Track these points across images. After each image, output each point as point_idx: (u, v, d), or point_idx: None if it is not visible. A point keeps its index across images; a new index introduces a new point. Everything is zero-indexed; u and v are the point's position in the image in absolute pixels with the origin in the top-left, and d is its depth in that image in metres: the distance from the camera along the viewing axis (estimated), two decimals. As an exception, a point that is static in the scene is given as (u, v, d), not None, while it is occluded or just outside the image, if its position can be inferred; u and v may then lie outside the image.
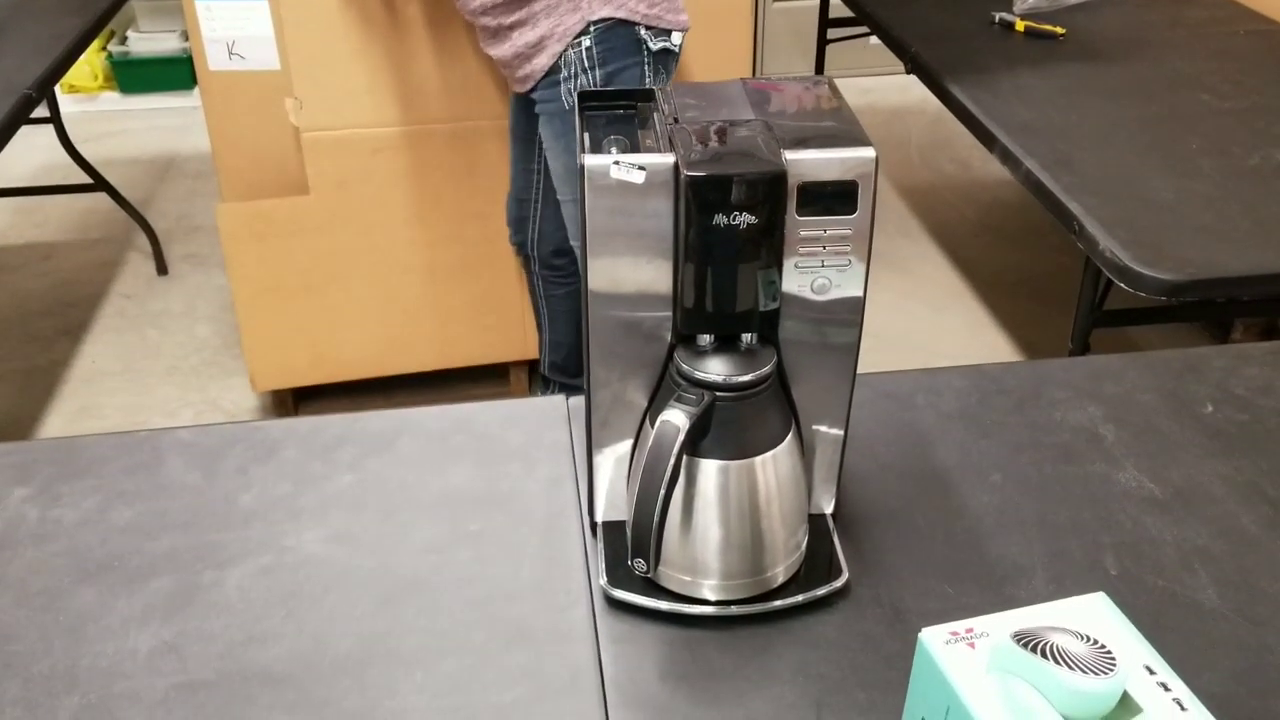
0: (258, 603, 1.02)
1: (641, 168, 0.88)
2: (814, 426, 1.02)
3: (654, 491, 0.88)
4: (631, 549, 0.90)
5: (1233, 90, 2.19)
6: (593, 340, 0.96)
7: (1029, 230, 3.38)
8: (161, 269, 3.23)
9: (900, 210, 3.62)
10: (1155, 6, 2.68)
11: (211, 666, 0.96)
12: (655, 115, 0.98)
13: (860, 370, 1.02)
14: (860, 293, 0.94)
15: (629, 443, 1.02)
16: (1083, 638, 0.79)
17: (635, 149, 0.97)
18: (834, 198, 0.90)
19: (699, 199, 0.87)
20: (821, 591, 1.00)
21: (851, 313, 0.95)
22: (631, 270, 0.92)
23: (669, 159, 0.88)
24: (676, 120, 0.94)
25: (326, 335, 2.52)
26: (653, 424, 0.95)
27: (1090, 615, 0.82)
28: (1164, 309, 1.69)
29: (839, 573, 1.02)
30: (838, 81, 1.04)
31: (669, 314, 0.94)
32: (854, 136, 0.91)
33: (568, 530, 1.09)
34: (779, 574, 1.00)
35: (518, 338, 2.55)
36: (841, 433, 1.03)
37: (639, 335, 0.96)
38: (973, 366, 1.33)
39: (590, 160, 0.88)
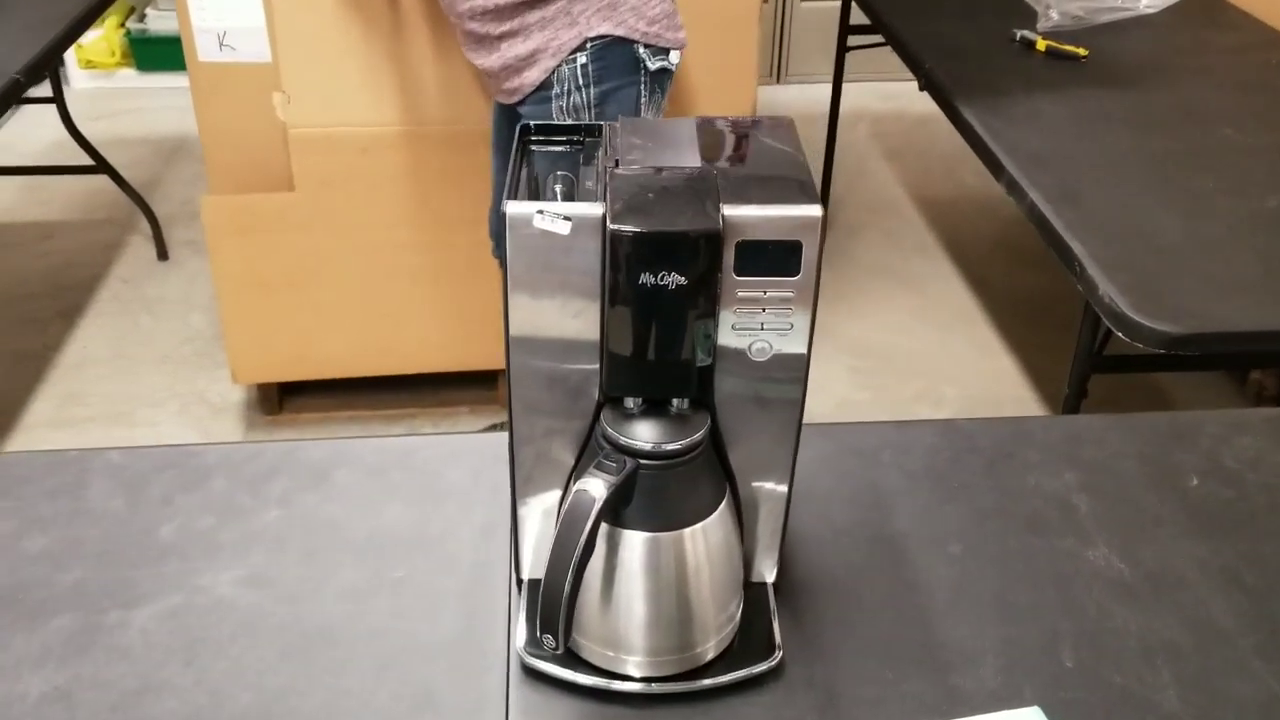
0: (159, 648, 0.97)
1: (567, 218, 0.82)
2: (755, 490, 0.96)
3: (564, 565, 0.82)
4: (540, 624, 0.84)
5: (1257, 125, 2.09)
6: (514, 392, 0.90)
7: (1047, 252, 3.29)
8: (162, 254, 3.20)
9: (917, 224, 3.54)
10: (1186, 28, 2.58)
11: (101, 718, 0.91)
12: (599, 154, 0.92)
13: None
14: (804, 350, 0.87)
15: (557, 494, 0.96)
16: (1009, 760, 0.73)
17: (572, 189, 0.91)
18: (776, 257, 0.83)
19: (624, 256, 0.80)
20: (753, 671, 0.94)
21: (794, 370, 0.89)
22: (557, 321, 0.86)
23: (597, 209, 0.81)
24: (617, 164, 0.88)
25: (309, 332, 2.47)
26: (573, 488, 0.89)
27: (1021, 732, 0.75)
28: (1171, 358, 1.61)
29: (774, 650, 0.95)
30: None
31: (597, 368, 0.88)
32: (802, 190, 0.85)
33: (494, 583, 1.03)
34: (709, 650, 0.94)
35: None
36: (785, 496, 0.97)
37: (564, 390, 0.89)
38: (945, 421, 1.25)
39: (513, 209, 0.82)
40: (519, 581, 1.01)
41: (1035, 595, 1.03)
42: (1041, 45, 2.39)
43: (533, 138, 0.95)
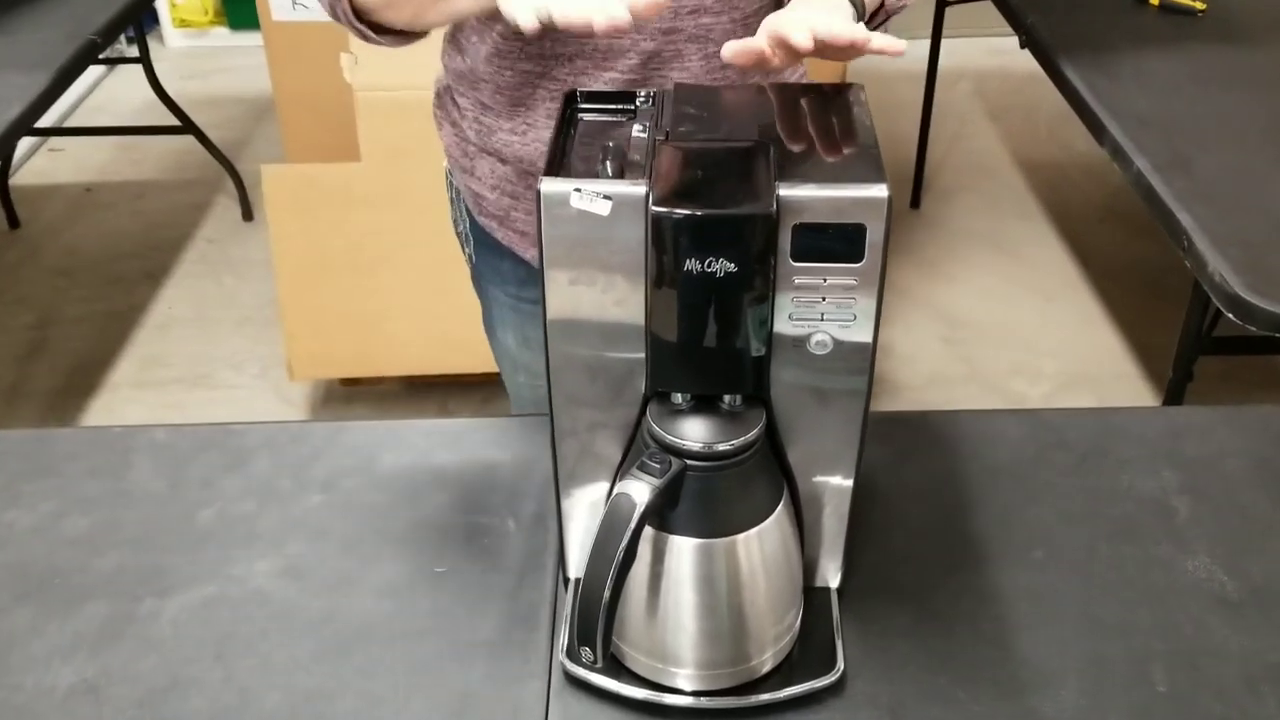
0: (190, 641, 0.93)
1: (608, 197, 0.74)
2: (816, 488, 0.88)
3: (603, 574, 0.76)
4: (578, 636, 0.78)
5: (1392, 84, 1.93)
6: (555, 382, 0.83)
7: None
8: (247, 215, 3.20)
9: (1019, 187, 3.38)
10: (1317, -20, 2.39)
11: (127, 714, 0.88)
12: (649, 124, 0.84)
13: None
14: (869, 339, 0.79)
15: (604, 489, 0.89)
16: (1085, 814, 0.65)
17: (621, 163, 0.83)
18: (837, 241, 0.75)
19: (669, 241, 0.73)
20: (812, 687, 0.87)
21: (859, 361, 0.81)
22: (597, 307, 0.79)
23: (640, 189, 0.74)
24: (667, 136, 0.80)
25: (372, 324, 2.31)
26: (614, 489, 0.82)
27: (1101, 781, 0.67)
28: (1285, 337, 1.48)
29: (835, 663, 0.88)
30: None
31: (643, 357, 0.81)
32: (868, 169, 0.76)
33: (541, 581, 0.97)
34: (765, 662, 0.87)
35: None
36: (849, 494, 0.89)
37: (607, 380, 0.83)
38: (1032, 412, 1.16)
39: (548, 186, 0.75)
40: (565, 580, 0.95)
41: (1125, 610, 0.94)
42: (1155, -1, 2.24)
43: (580, 105, 0.88)
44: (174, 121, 3.16)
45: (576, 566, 0.94)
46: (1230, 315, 1.39)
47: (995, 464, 1.08)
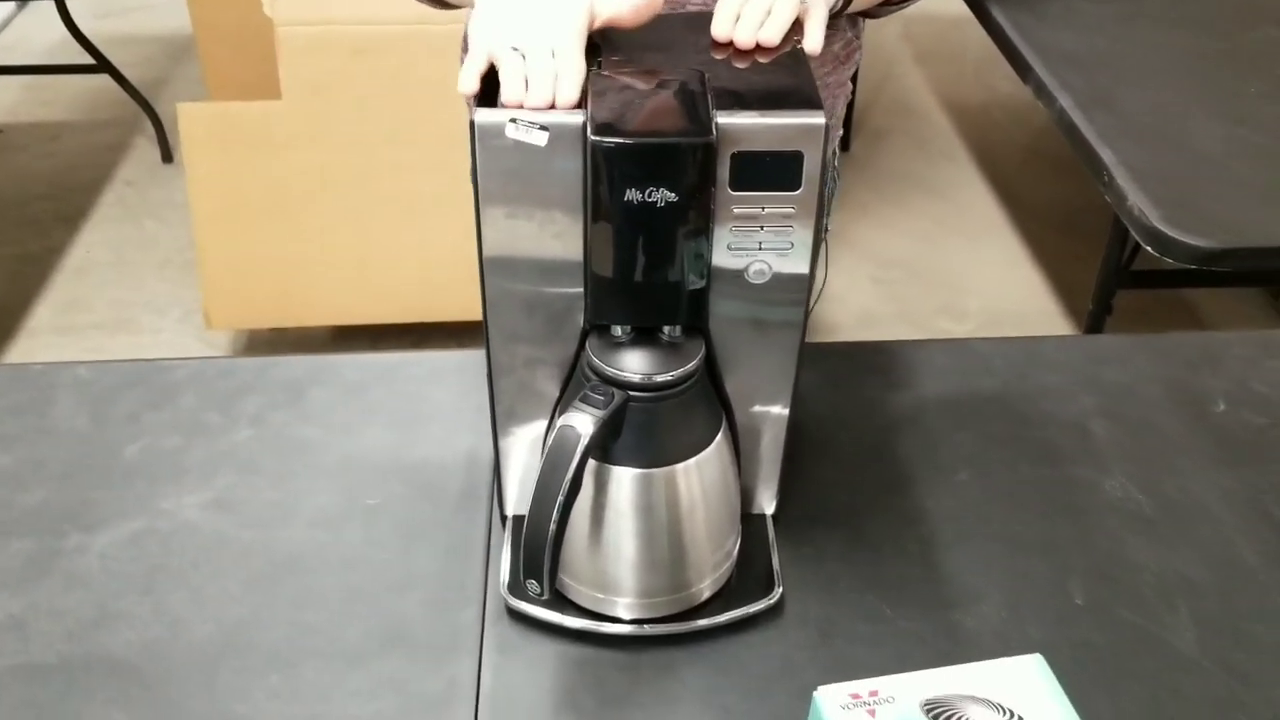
0: (119, 575, 0.92)
1: (544, 128, 0.74)
2: (753, 417, 0.89)
3: (549, 507, 0.76)
4: (524, 569, 0.78)
5: (1307, 24, 1.97)
6: (491, 319, 0.83)
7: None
8: (167, 156, 3.12)
9: (946, 130, 3.41)
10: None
11: (55, 649, 0.87)
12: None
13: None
14: (805, 270, 0.80)
15: (542, 426, 0.89)
16: (1003, 711, 0.67)
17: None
18: (774, 169, 0.75)
19: (609, 170, 0.73)
20: (751, 610, 0.88)
21: (796, 292, 0.81)
22: (536, 241, 0.79)
23: (577, 118, 0.74)
24: (600, 65, 0.79)
25: (293, 270, 2.24)
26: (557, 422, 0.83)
27: (1020, 681, 0.70)
28: (1203, 273, 1.52)
29: (773, 587, 0.90)
30: None
31: (581, 291, 0.80)
32: (804, 96, 0.77)
33: (475, 515, 0.98)
34: (704, 589, 0.88)
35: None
36: (785, 423, 0.90)
37: (545, 316, 0.82)
38: (959, 341, 1.18)
39: (482, 117, 0.74)
40: (502, 518, 0.95)
41: (1046, 528, 0.97)
42: (1079, -61, 2.25)
43: None
44: (89, 60, 3.07)
45: (515, 504, 0.94)
46: (1148, 248, 1.42)
47: (923, 392, 1.10)
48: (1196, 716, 0.82)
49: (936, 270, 2.82)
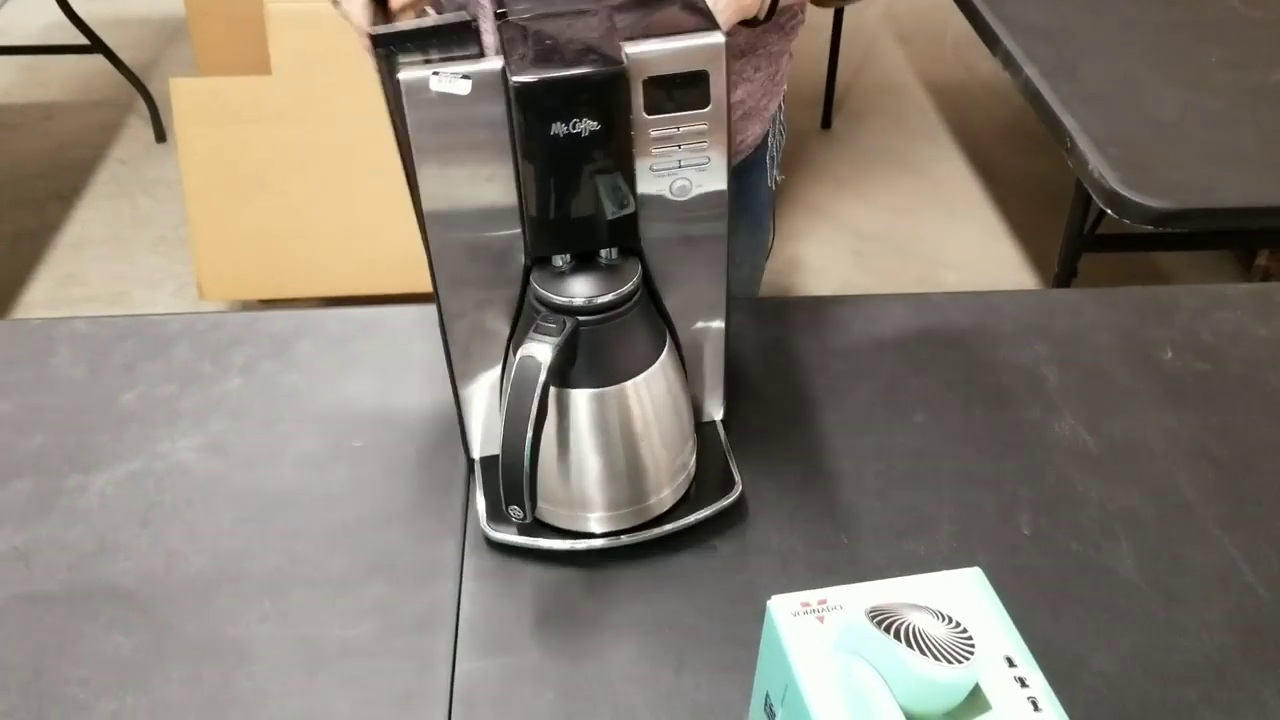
0: (117, 511, 0.97)
1: (466, 77, 0.78)
2: (694, 334, 0.95)
3: (520, 434, 0.81)
4: (505, 497, 0.83)
5: (1268, -2, 2.02)
6: (437, 269, 0.87)
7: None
8: (160, 135, 3.17)
9: (926, 108, 3.46)
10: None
11: (57, 578, 0.92)
12: (479, 13, 0.88)
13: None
14: (724, 186, 0.86)
15: (496, 372, 0.94)
16: (944, 619, 0.72)
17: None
18: (684, 90, 0.80)
19: (533, 107, 0.77)
20: (716, 508, 0.94)
21: (717, 206, 0.87)
22: (471, 188, 0.83)
23: (496, 64, 0.78)
24: (502, 13, 0.84)
25: (283, 242, 2.29)
26: (515, 356, 0.87)
27: (959, 593, 0.75)
28: (1166, 236, 1.58)
29: (732, 485, 0.95)
30: None
31: (519, 231, 0.85)
32: (700, 19, 0.82)
33: (455, 454, 1.02)
34: (665, 499, 0.94)
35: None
36: (723, 335, 0.96)
37: (488, 258, 0.87)
38: (918, 295, 1.23)
39: (406, 74, 0.78)
40: (469, 461, 1.00)
41: (996, 465, 1.02)
42: (1052, -84, 2.30)
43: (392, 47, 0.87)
44: (83, 41, 3.11)
45: (480, 445, 0.99)
46: (1108, 210, 1.48)
47: (883, 339, 1.16)
48: (1133, 632, 0.88)
49: (915, 243, 2.88)
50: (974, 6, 1.94)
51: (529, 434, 0.81)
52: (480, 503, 0.96)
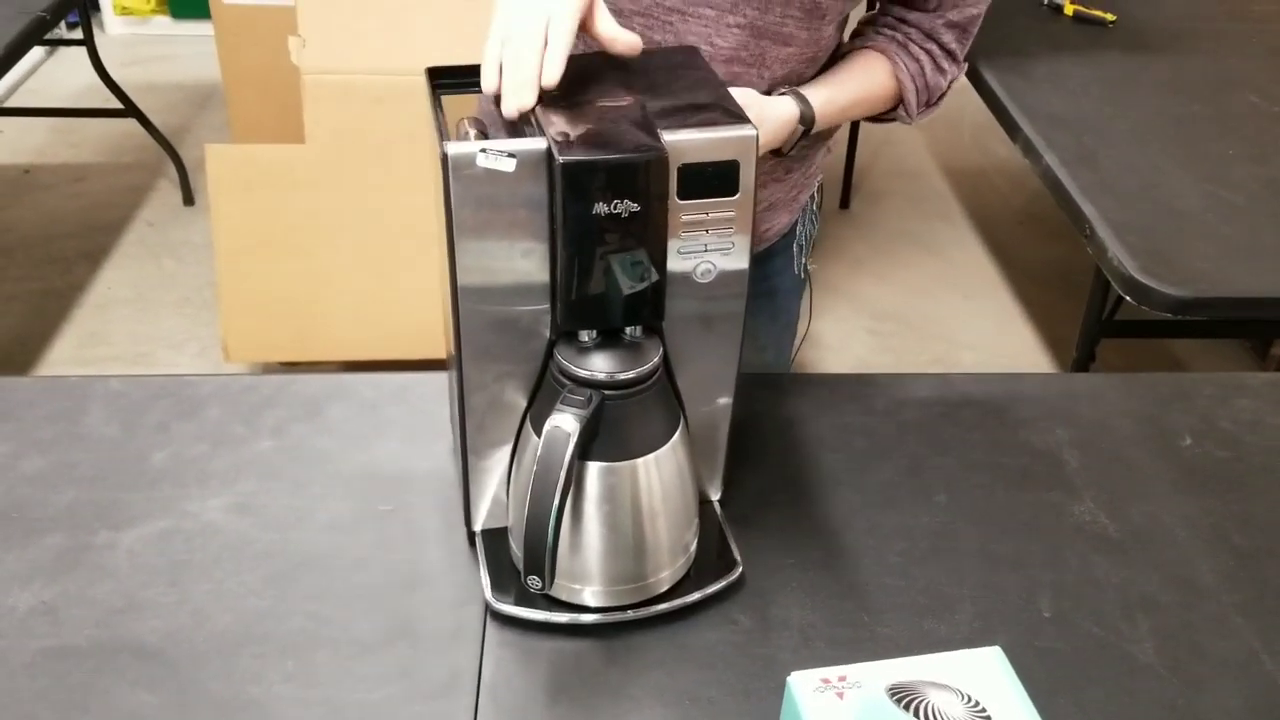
0: (145, 569, 0.98)
1: (512, 155, 0.81)
2: (702, 412, 0.97)
3: (547, 504, 0.82)
4: (525, 566, 0.84)
5: (1285, 92, 2.06)
6: (465, 340, 0.89)
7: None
8: (188, 199, 3.22)
9: (943, 192, 3.50)
10: (1223, -3, 2.53)
11: (85, 633, 0.93)
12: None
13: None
14: (745, 266, 0.88)
15: (508, 447, 0.96)
16: (964, 698, 0.73)
17: (485, 131, 0.86)
18: (716, 178, 0.83)
19: (577, 187, 0.80)
20: (714, 589, 0.95)
21: (736, 287, 0.90)
22: (505, 263, 0.85)
23: (541, 144, 0.81)
24: (541, 100, 0.86)
25: (312, 306, 2.33)
26: (535, 427, 0.89)
27: (980, 672, 0.75)
28: (1183, 323, 1.59)
29: (733, 565, 0.96)
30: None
31: (547, 307, 0.87)
32: (730, 113, 0.85)
33: (480, 519, 1.04)
34: (664, 579, 0.95)
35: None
36: (729, 412, 0.98)
37: (515, 332, 0.89)
38: (940, 375, 1.25)
39: (454, 149, 0.80)
40: (470, 536, 1.01)
41: (1017, 547, 1.02)
42: (1070, 9, 2.36)
43: (442, 81, 0.93)
44: (116, 105, 3.17)
45: (484, 519, 1.00)
46: (1127, 297, 1.49)
47: (905, 419, 1.17)
48: (1151, 717, 0.88)
49: (931, 324, 2.90)
50: (997, 97, 1.98)
51: (555, 503, 0.82)
52: (486, 578, 0.96)
